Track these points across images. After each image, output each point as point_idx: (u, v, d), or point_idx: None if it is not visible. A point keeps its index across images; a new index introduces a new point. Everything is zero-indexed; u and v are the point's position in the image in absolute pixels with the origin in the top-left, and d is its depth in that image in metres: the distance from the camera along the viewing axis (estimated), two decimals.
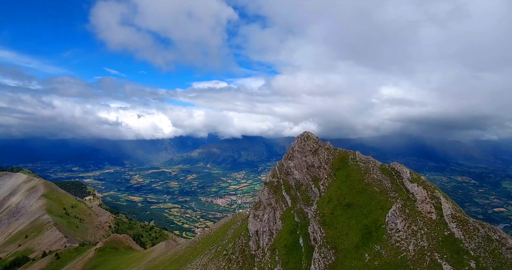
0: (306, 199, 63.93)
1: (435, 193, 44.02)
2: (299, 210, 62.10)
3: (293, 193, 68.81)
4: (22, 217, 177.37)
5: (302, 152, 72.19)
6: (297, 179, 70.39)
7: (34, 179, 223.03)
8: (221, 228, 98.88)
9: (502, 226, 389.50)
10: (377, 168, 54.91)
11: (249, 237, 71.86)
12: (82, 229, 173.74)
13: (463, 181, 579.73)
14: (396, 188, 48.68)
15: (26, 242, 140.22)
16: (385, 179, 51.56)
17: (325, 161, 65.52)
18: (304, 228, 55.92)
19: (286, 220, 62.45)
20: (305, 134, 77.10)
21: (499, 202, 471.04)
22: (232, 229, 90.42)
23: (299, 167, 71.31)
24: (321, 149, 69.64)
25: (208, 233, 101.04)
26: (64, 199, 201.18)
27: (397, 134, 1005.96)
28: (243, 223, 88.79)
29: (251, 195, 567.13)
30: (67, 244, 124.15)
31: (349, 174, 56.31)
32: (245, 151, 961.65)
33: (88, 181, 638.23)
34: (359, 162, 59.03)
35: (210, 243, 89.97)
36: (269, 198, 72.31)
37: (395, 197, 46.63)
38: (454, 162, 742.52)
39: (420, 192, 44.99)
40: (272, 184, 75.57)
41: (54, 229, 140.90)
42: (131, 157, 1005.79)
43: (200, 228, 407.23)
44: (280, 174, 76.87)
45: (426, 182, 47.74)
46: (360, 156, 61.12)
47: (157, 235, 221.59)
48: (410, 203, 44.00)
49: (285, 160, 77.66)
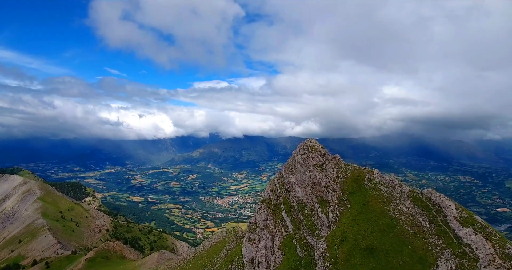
0: (311, 226, 53.09)
1: (507, 249, 30.18)
2: (302, 240, 52.06)
3: (295, 216, 58.32)
4: (16, 221, 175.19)
5: (306, 165, 61.04)
6: (300, 198, 60.04)
7: (30, 181, 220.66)
8: (214, 246, 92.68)
9: (506, 227, 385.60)
10: (405, 196, 42.18)
11: (243, 265, 64.10)
12: (78, 233, 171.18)
13: (465, 181, 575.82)
14: (439, 231, 35.60)
15: (19, 248, 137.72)
16: (419, 214, 38.85)
17: (334, 180, 53.83)
18: (309, 268, 45.64)
19: (286, 252, 52.84)
20: (308, 142, 65.34)
21: (502, 202, 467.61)
22: (225, 250, 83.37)
23: (302, 184, 60.64)
24: (329, 164, 57.67)
25: (200, 251, 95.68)
26: (61, 202, 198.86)
27: (399, 134, 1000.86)
28: (237, 244, 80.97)
29: (252, 195, 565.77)
30: (60, 251, 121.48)
31: (368, 202, 44.37)
32: (246, 151, 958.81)
33: (89, 181, 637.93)
34: (379, 185, 46.39)
35: (201, 265, 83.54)
36: (266, 219, 62.86)
37: (440, 247, 33.72)
38: (457, 161, 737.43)
39: (481, 245, 31.10)
40: (270, 202, 65.55)
41: (48, 234, 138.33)
42: (133, 157, 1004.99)
43: (201, 228, 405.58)
44: (280, 189, 66.45)
45: (486, 227, 33.69)
46: (380, 177, 48.55)
47: (155, 238, 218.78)
48: (469, 263, 30.42)
49: (286, 172, 67.79)
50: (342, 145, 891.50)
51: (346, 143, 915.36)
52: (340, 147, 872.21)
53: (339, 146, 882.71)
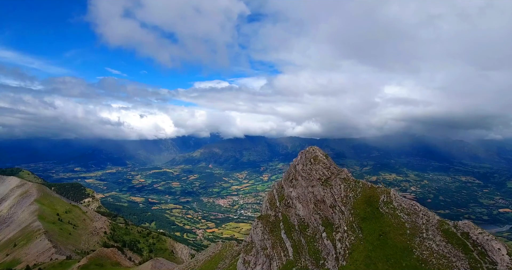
0: (314, 253, 45.58)
1: None
2: (304, 269, 45.29)
3: (295, 237, 51.04)
4: (12, 224, 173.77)
5: (308, 179, 53.97)
6: (301, 217, 53.07)
7: (27, 183, 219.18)
8: (208, 262, 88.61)
9: (508, 227, 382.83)
10: (433, 228, 32.51)
11: None
12: (75, 236, 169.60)
13: (467, 181, 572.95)
14: None
15: (14, 252, 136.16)
16: (456, 257, 28.94)
17: (341, 199, 46.08)
18: None
19: None
20: (311, 151, 57.45)
21: (504, 203, 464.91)
22: (219, 268, 78.14)
23: (303, 199, 53.78)
24: (335, 179, 49.97)
25: (194, 265, 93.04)
26: (58, 204, 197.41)
27: (401, 134, 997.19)
28: (231, 263, 74.26)
29: (253, 195, 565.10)
30: (54, 256, 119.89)
31: (385, 233, 34.98)
32: (247, 151, 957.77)
33: (90, 182, 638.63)
34: (398, 210, 36.98)
35: None
36: (263, 239, 55.56)
37: None
38: (458, 161, 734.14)
39: None
40: (268, 219, 58.37)
41: (44, 238, 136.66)
42: (133, 157, 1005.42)
43: (201, 229, 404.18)
44: (280, 203, 59.55)
45: None
46: (399, 200, 38.97)
47: (154, 241, 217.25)
48: None
49: (286, 182, 60.62)
50: (343, 145, 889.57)
51: (347, 143, 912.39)
52: (341, 147, 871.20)
53: (340, 146, 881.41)
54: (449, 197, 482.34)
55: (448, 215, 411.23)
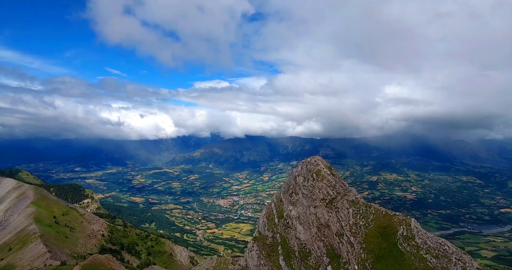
0: None
1: None
2: None
3: (295, 266, 43.88)
4: (8, 227, 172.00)
5: (310, 197, 46.55)
6: (302, 242, 45.45)
7: (24, 185, 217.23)
8: None
9: (509, 228, 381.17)
10: None
11: None
12: (72, 239, 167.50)
13: (468, 181, 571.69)
14: None
15: (9, 256, 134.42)
16: None
17: (350, 227, 38.50)
18: None
19: None
20: (313, 162, 49.91)
21: (505, 203, 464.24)
22: None
23: (305, 221, 46.09)
24: (342, 201, 42.20)
25: None
26: (55, 206, 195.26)
27: (401, 134, 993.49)
28: None
29: (254, 195, 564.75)
30: (49, 261, 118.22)
31: None
32: (247, 151, 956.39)
33: (90, 182, 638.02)
34: (423, 250, 29.86)
35: None
36: (259, 264, 48.39)
37: None
38: (459, 161, 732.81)
39: None
40: (264, 241, 50.85)
41: (39, 242, 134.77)
42: (134, 157, 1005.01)
43: (201, 229, 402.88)
44: (278, 221, 52.05)
45: None
46: (423, 236, 31.78)
47: (153, 244, 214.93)
48: None
49: (285, 196, 53.50)
50: (344, 145, 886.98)
51: (347, 143, 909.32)
52: (342, 147, 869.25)
53: (341, 146, 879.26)
54: (450, 197, 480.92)
55: (449, 215, 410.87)
